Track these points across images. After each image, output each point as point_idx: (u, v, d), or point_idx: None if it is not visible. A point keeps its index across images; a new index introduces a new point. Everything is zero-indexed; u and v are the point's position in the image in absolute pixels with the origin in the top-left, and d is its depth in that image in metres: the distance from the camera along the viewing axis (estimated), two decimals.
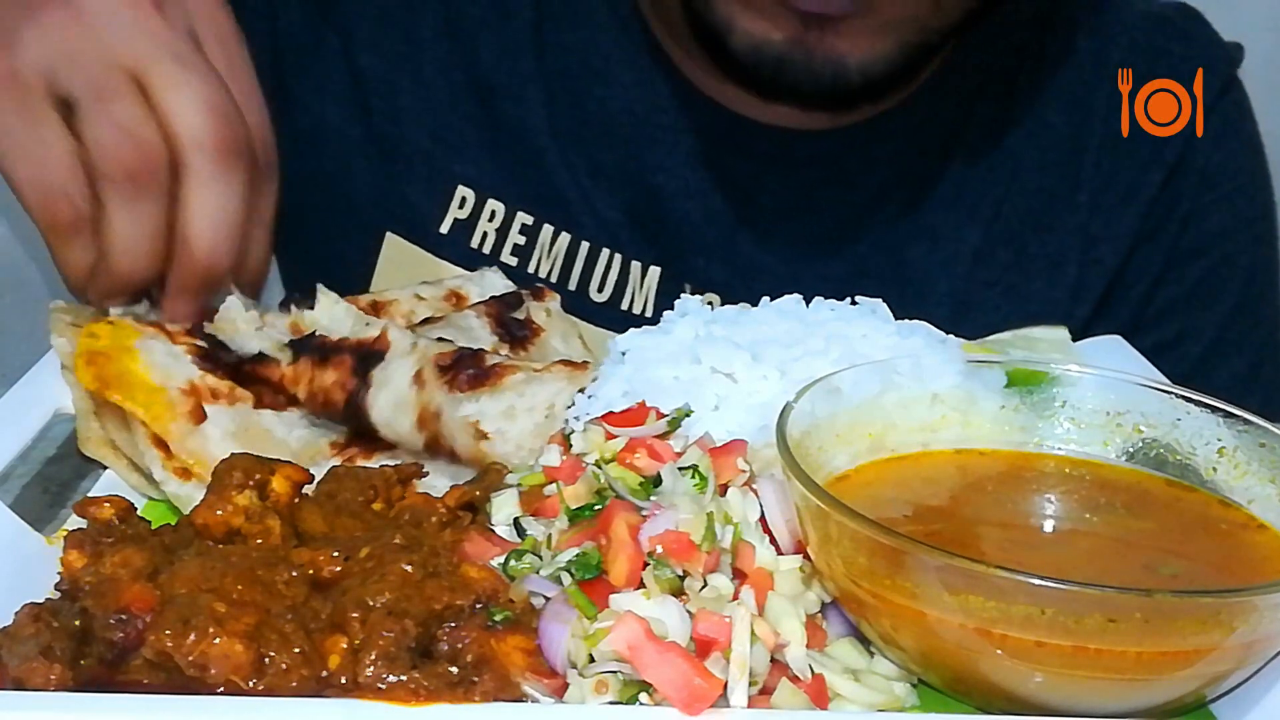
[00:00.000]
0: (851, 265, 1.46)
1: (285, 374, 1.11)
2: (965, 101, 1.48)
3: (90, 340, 1.08)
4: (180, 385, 1.07)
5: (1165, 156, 1.49)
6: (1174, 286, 1.52)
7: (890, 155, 1.48)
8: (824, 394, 0.97)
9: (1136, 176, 1.49)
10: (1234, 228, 1.53)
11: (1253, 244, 1.55)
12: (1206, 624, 0.79)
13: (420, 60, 1.48)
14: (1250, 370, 1.53)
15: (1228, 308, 1.53)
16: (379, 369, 1.08)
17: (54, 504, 1.06)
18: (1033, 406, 1.04)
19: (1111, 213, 1.49)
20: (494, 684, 0.82)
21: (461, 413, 1.05)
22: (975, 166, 1.48)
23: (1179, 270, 1.52)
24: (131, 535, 0.93)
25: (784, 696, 0.82)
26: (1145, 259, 1.51)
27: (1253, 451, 0.96)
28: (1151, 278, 1.51)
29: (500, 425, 1.05)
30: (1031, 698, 0.82)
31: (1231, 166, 1.52)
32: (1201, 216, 1.51)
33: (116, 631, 0.83)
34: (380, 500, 0.98)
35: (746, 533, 0.89)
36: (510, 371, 1.08)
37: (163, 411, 1.05)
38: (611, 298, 1.48)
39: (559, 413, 1.05)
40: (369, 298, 1.24)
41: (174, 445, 1.05)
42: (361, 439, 1.09)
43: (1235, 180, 1.53)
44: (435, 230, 1.49)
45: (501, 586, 0.88)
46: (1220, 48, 1.55)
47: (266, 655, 0.81)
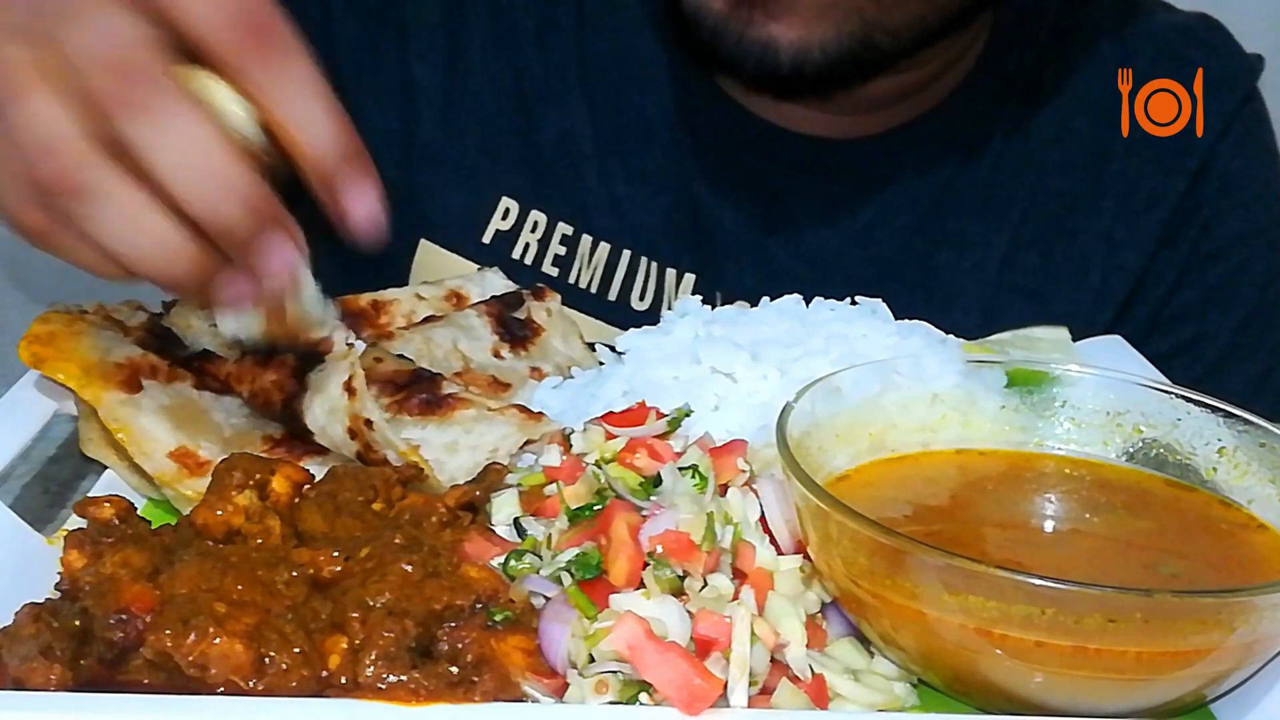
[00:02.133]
0: (880, 271, 1.47)
1: (230, 371, 1.09)
2: (992, 107, 1.49)
3: (40, 324, 1.08)
4: (118, 359, 1.06)
5: (1188, 163, 1.50)
6: (1191, 291, 1.53)
7: (919, 162, 1.49)
8: (824, 394, 0.97)
9: (1160, 182, 1.50)
10: (1251, 234, 1.54)
11: (1268, 250, 1.56)
12: (1206, 624, 0.79)
13: (470, 70, 1.49)
14: (1262, 375, 1.54)
15: (1243, 313, 1.54)
16: (315, 373, 1.05)
17: (54, 504, 1.05)
18: (1033, 406, 1.04)
19: (1135, 218, 1.50)
20: (494, 684, 0.82)
21: (403, 434, 1.05)
22: (1002, 172, 1.49)
23: (1196, 274, 1.53)
24: (131, 535, 0.93)
25: (784, 696, 0.82)
26: (1164, 263, 1.52)
27: (1253, 451, 0.96)
28: (1169, 282, 1.52)
29: (440, 456, 1.05)
30: (1031, 698, 0.82)
31: (1250, 174, 1.54)
32: (1220, 222, 1.52)
33: (116, 631, 0.83)
34: (380, 500, 0.98)
35: (746, 533, 0.90)
36: (464, 405, 1.08)
37: (95, 380, 1.04)
38: (652, 305, 1.49)
39: (501, 457, 1.04)
40: (369, 297, 1.24)
41: (103, 412, 1.03)
42: (296, 440, 1.07)
43: (1253, 188, 1.54)
44: (477, 239, 1.50)
45: (501, 586, 0.88)
46: (1242, 58, 1.56)
47: (266, 655, 0.81)
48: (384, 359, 1.12)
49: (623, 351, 1.13)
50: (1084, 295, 1.49)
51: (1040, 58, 1.50)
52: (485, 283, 1.30)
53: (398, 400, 1.08)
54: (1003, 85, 1.49)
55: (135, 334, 1.12)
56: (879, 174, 1.49)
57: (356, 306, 1.23)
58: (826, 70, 1.31)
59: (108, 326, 1.11)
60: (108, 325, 1.11)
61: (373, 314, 1.22)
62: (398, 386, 1.10)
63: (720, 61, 1.36)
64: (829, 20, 1.28)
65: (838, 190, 1.49)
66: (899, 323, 1.12)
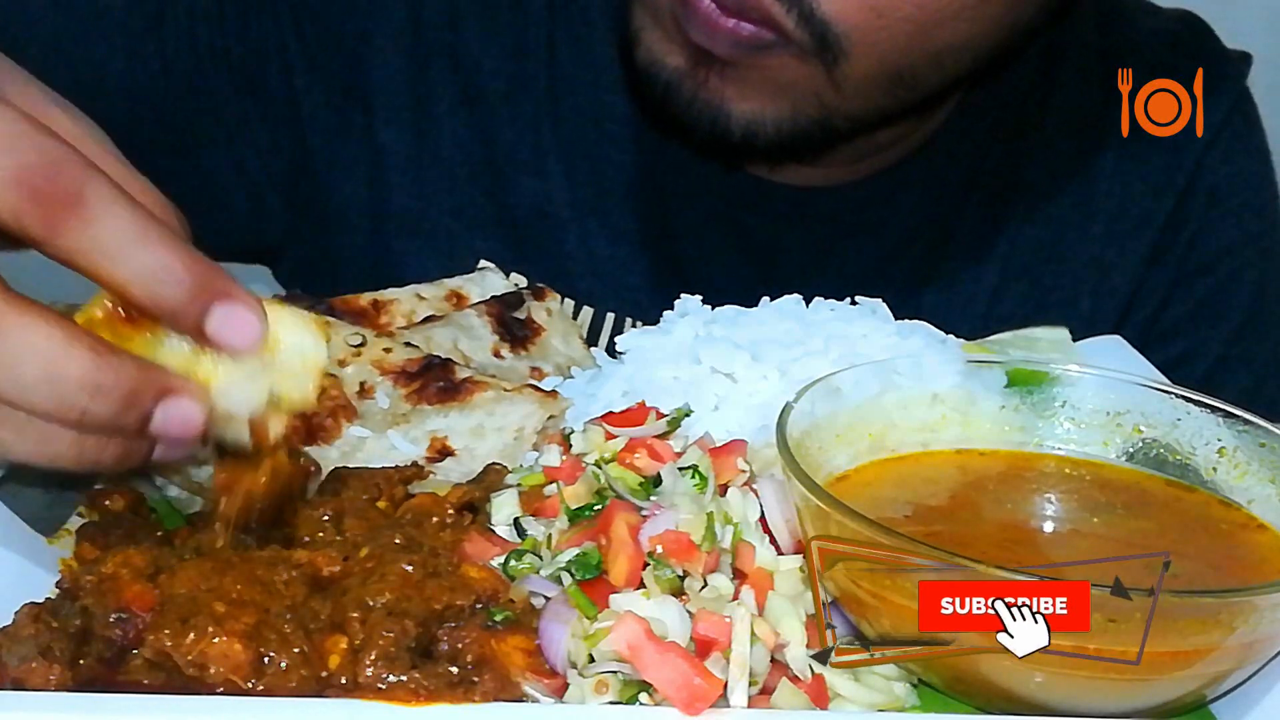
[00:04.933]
0: None
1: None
2: (981, 144, 1.46)
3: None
4: None
5: (1176, 181, 1.47)
6: (1180, 306, 1.50)
7: (909, 205, 1.45)
8: (824, 394, 0.97)
9: (1149, 204, 1.47)
10: (1241, 243, 1.52)
11: (1259, 258, 1.53)
12: (1206, 624, 0.79)
13: (440, 136, 1.45)
14: (1255, 385, 1.51)
15: (1234, 324, 1.51)
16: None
17: (54, 504, 1.05)
18: (1033, 406, 1.04)
19: (1125, 240, 1.47)
20: (494, 684, 0.82)
21: (428, 426, 1.06)
22: (990, 206, 1.46)
23: (1186, 288, 1.50)
24: (141, 525, 0.93)
25: (784, 696, 0.82)
26: (1153, 282, 1.49)
27: (1253, 451, 0.96)
28: (1159, 299, 1.50)
29: (468, 443, 1.05)
30: (1031, 698, 0.82)
31: (1239, 182, 1.51)
32: (1209, 234, 1.49)
33: (116, 630, 0.83)
34: (385, 499, 0.98)
35: (746, 533, 0.90)
36: (481, 388, 1.08)
37: None
38: None
39: (527, 436, 1.05)
40: (370, 297, 1.24)
41: None
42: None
43: (1243, 195, 1.51)
44: None
45: (501, 586, 0.88)
46: (1229, 62, 1.53)
47: (266, 655, 0.81)
48: (392, 349, 1.12)
49: (623, 351, 1.13)
50: (1074, 321, 1.47)
51: (1027, 84, 1.46)
52: (485, 282, 1.29)
53: (415, 390, 1.09)
54: (993, 118, 1.46)
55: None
56: (868, 219, 1.44)
57: (357, 306, 1.23)
58: (779, 144, 1.28)
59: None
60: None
61: (373, 314, 1.22)
62: (410, 376, 1.10)
63: (671, 121, 1.30)
64: (785, 100, 1.25)
65: (826, 240, 1.44)
66: (899, 323, 1.12)
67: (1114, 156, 1.47)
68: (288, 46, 1.44)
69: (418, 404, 1.08)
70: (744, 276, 1.44)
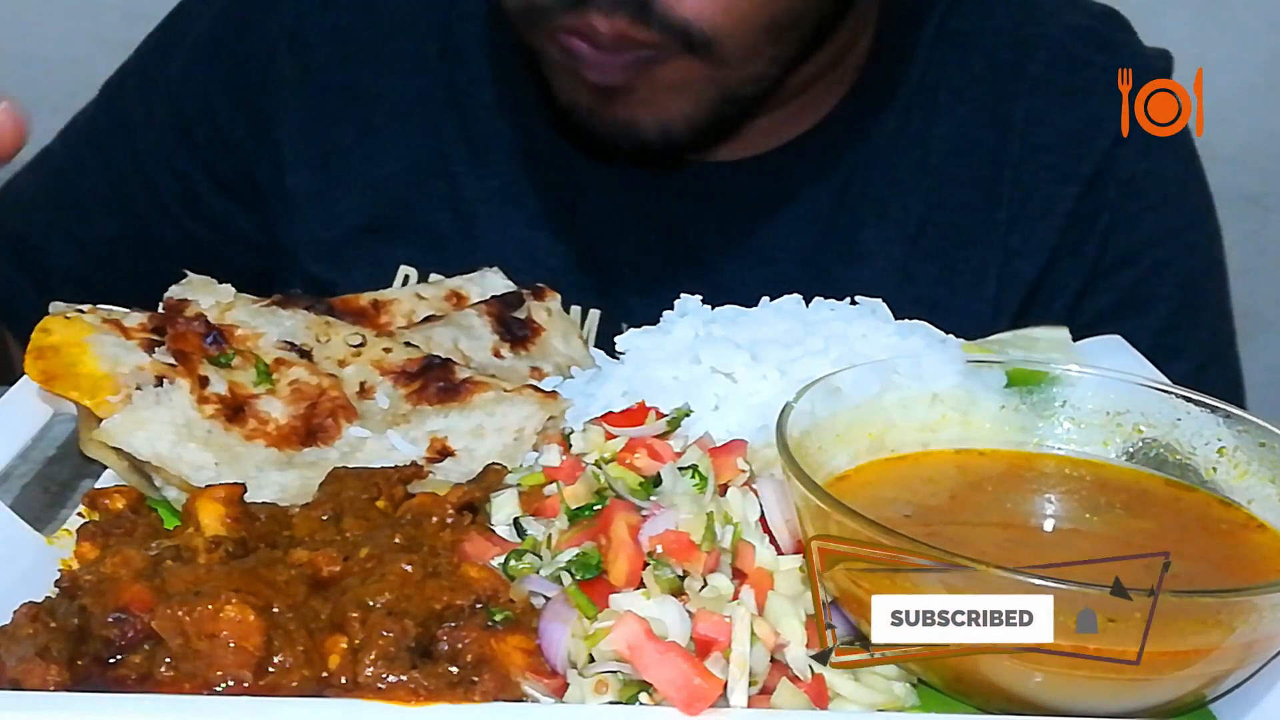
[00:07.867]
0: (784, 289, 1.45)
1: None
2: (878, 115, 1.49)
3: (41, 335, 1.08)
4: (125, 370, 1.06)
5: (1081, 170, 1.50)
6: (1103, 297, 1.52)
7: (811, 175, 1.49)
8: (824, 394, 0.97)
9: (1053, 191, 1.50)
10: (1164, 235, 1.53)
11: (1186, 251, 1.55)
12: (1206, 624, 0.80)
13: (347, 166, 1.53)
14: (1195, 373, 1.51)
15: (1164, 315, 1.53)
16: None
17: (54, 504, 1.06)
18: (1033, 406, 1.04)
19: (1030, 227, 1.50)
20: (494, 684, 0.82)
21: (428, 426, 1.06)
22: (898, 182, 1.50)
23: (1107, 280, 1.52)
24: (141, 523, 0.93)
25: (784, 696, 0.82)
26: (1067, 272, 1.51)
27: (1253, 451, 0.96)
28: (1075, 290, 1.52)
29: (468, 443, 1.05)
30: (1031, 698, 0.82)
31: (1159, 175, 1.52)
32: (1128, 226, 1.51)
33: (114, 630, 0.83)
34: (384, 499, 0.98)
35: (746, 533, 0.90)
36: (481, 389, 1.08)
37: (107, 397, 1.04)
38: None
39: (527, 436, 1.05)
40: (370, 296, 1.24)
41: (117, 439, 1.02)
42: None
43: (1164, 188, 1.53)
44: None
45: (501, 586, 0.88)
46: (1144, 57, 1.55)
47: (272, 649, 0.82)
48: (392, 349, 1.12)
49: (623, 352, 1.13)
50: (982, 305, 1.49)
51: (926, 62, 1.50)
52: (485, 282, 1.30)
53: (415, 390, 1.09)
54: (886, 93, 1.49)
55: (137, 336, 1.11)
56: (773, 191, 1.49)
57: (357, 306, 1.23)
58: (698, 133, 1.38)
59: (109, 330, 1.11)
60: (108, 328, 1.11)
61: (373, 313, 1.22)
62: (410, 376, 1.10)
63: (595, 144, 1.43)
64: (686, 96, 1.34)
65: (733, 213, 1.49)
66: (899, 323, 1.12)
67: (1019, 146, 1.50)
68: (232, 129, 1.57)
69: (418, 404, 1.08)
70: (655, 256, 1.49)
